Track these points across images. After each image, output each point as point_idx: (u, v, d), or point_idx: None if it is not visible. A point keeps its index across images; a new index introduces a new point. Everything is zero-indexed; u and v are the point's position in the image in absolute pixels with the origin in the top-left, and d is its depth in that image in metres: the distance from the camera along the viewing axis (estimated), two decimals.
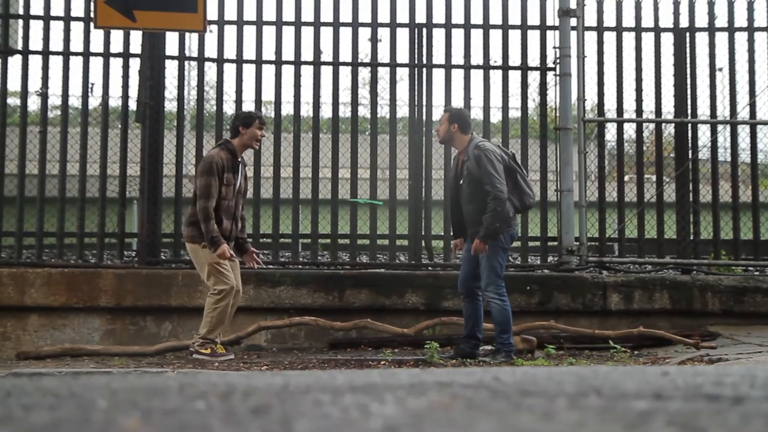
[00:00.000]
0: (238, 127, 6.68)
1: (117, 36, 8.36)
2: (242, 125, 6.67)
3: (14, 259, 8.11)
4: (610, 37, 8.62)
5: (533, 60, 8.60)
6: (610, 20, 8.66)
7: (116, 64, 8.33)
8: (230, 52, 8.44)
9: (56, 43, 8.35)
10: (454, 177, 6.66)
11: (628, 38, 8.64)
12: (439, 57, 8.54)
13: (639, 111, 8.58)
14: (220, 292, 6.47)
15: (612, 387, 2.23)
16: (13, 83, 11.05)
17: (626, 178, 8.85)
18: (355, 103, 8.55)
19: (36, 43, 8.40)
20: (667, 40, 8.64)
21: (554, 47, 8.36)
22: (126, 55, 8.32)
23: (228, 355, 6.56)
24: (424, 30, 8.55)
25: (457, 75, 8.52)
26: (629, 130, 8.74)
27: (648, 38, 8.65)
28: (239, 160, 6.70)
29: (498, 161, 6.28)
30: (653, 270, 8.37)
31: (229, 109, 8.81)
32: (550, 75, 8.51)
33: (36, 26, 8.47)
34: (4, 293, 7.42)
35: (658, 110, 8.57)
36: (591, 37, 8.55)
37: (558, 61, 8.31)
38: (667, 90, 8.57)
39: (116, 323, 7.55)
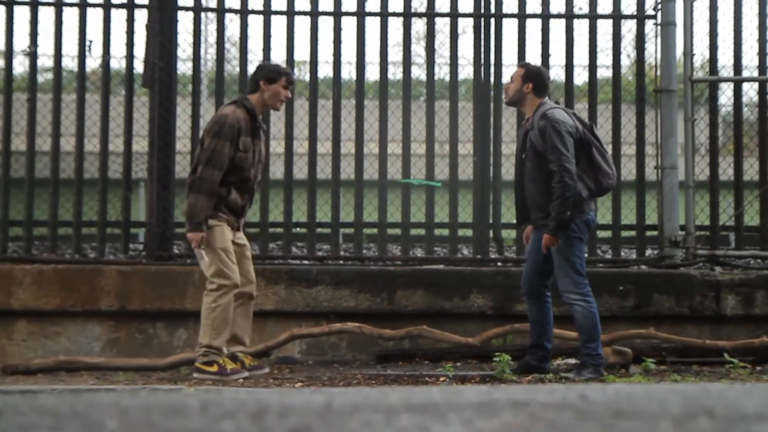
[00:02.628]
0: (260, 81, 6.60)
1: None
2: (264, 80, 6.59)
3: None
4: None
5: (628, 6, 8.49)
6: None
7: (119, 17, 8.40)
8: (256, 2, 8.48)
9: None
10: (518, 149, 6.68)
11: None
12: (510, 5, 8.47)
13: (762, 67, 8.44)
14: (219, 288, 6.40)
15: (727, 407, 2.24)
16: None
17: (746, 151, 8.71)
18: (407, 62, 8.53)
19: None
20: None
21: None
22: (131, 6, 8.37)
23: (243, 373, 6.43)
24: None
25: (533, 26, 8.45)
26: (750, 91, 8.60)
27: None
28: (258, 122, 6.68)
29: (568, 134, 6.25)
30: None
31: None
32: (649, 24, 8.41)
33: None
34: None
35: None
36: None
37: (660, 6, 8.20)
38: None
39: (120, 331, 7.69)
